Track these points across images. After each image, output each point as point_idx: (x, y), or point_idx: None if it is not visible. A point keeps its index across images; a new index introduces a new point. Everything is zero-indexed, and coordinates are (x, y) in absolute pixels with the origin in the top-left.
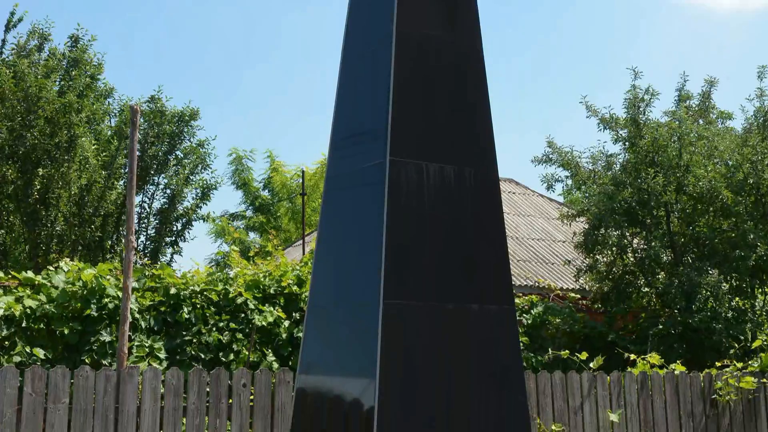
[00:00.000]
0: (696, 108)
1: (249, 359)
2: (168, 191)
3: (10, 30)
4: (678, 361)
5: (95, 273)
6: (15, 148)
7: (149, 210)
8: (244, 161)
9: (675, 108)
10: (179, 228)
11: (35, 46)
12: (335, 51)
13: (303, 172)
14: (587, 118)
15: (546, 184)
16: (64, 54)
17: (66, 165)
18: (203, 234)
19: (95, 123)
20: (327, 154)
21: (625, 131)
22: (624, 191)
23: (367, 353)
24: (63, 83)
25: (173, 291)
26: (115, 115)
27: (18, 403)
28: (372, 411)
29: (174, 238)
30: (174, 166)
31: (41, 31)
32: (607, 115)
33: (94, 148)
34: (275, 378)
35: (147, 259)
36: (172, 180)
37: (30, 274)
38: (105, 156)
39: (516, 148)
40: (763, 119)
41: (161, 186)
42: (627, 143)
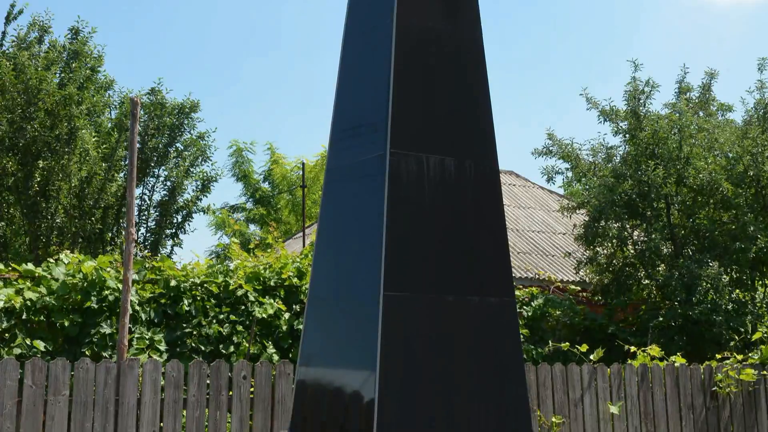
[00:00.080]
0: (696, 100)
1: (249, 351)
2: (168, 183)
3: (10, 22)
4: (678, 354)
5: (95, 265)
6: (15, 140)
7: (149, 202)
8: (244, 153)
9: (675, 100)
10: (179, 220)
11: (35, 38)
12: (335, 43)
13: (303, 164)
14: (587, 110)
15: (546, 176)
16: (64, 46)
17: (66, 157)
18: (203, 226)
19: (95, 115)
20: (327, 146)
21: (626, 123)
22: (624, 183)
23: (368, 345)
24: (63, 75)
25: (173, 283)
26: (116, 108)
27: (18, 396)
28: (372, 403)
29: (174, 230)
30: (174, 158)
31: (41, 24)
32: (608, 108)
33: (94, 140)
34: (275, 370)
35: (147, 252)
36: (172, 172)
37: (30, 266)
38: (105, 148)
39: (516, 140)
40: (764, 111)
41: (161, 178)
42: (627, 135)
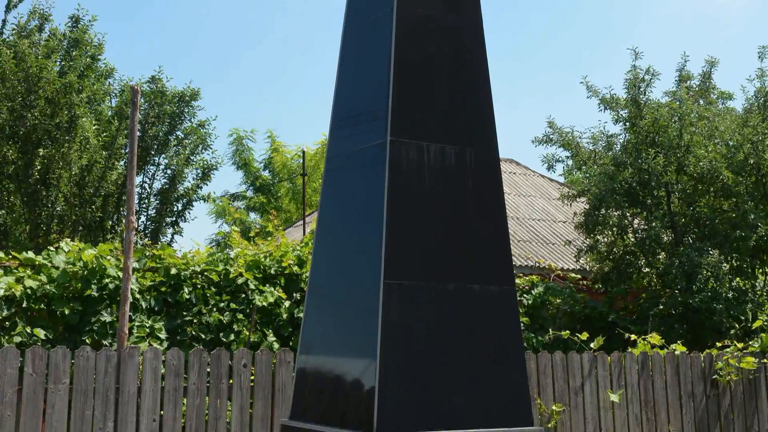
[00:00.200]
0: (696, 88)
1: (249, 339)
2: (168, 171)
3: (10, 10)
4: (678, 342)
5: (96, 253)
6: (16, 128)
7: (150, 190)
8: (244, 141)
9: (675, 88)
10: (180, 208)
11: (36, 26)
12: (336, 31)
13: (303, 152)
14: (588, 98)
15: (547, 164)
16: (64, 34)
17: (66, 145)
18: (204, 214)
19: (96, 103)
20: (327, 134)
21: (626, 111)
22: (624, 171)
23: (368, 333)
24: (63, 63)
25: (174, 271)
26: (116, 96)
27: (19, 384)
28: (373, 391)
29: (174, 218)
30: (174, 146)
31: (41, 12)
32: (608, 96)
33: (94, 128)
34: (276, 358)
35: (148, 240)
36: (172, 160)
37: (30, 254)
38: (105, 136)
39: (517, 128)
40: (764, 99)
41: (162, 166)
42: (627, 123)
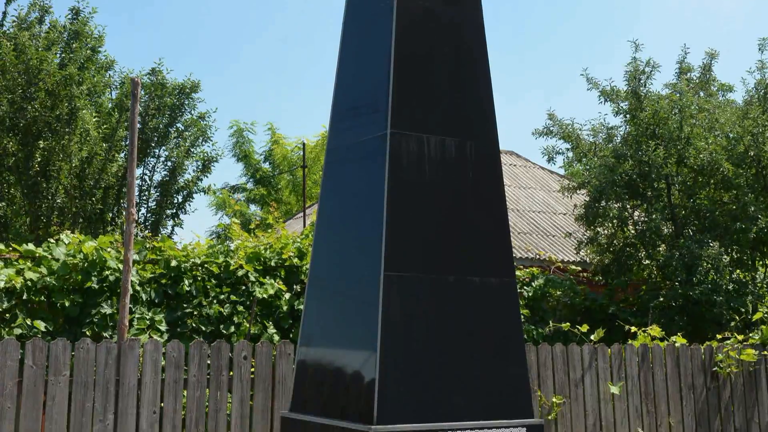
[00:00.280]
0: (697, 80)
1: (250, 331)
2: (169, 164)
3: (11, 2)
4: (679, 334)
5: (96, 245)
6: (16, 120)
7: (150, 182)
8: (244, 133)
9: (676, 80)
10: (180, 200)
11: (36, 18)
12: (336, 23)
13: (304, 144)
14: (588, 90)
15: (547, 156)
16: (64, 26)
17: (67, 137)
18: (204, 206)
19: (96, 95)
20: (328, 126)
21: (626, 104)
22: (625, 164)
23: (368, 325)
24: (64, 56)
25: (174, 263)
26: (116, 88)
27: (19, 376)
28: (373, 383)
29: (175, 210)
30: (175, 138)
31: (42, 4)
32: (608, 88)
33: (94, 120)
34: (276, 350)
35: (148, 232)
36: (172, 152)
37: (31, 246)
38: (106, 128)
39: (517, 120)
40: (764, 92)
41: (162, 158)
42: (628, 116)
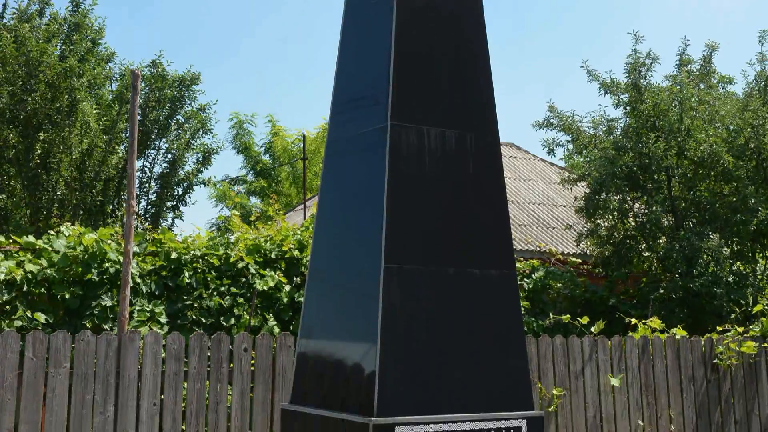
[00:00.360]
0: (697, 72)
1: (250, 324)
2: (169, 156)
3: None
4: (679, 326)
5: (96, 237)
6: (16, 112)
7: (150, 174)
8: (245, 126)
9: (676, 72)
10: (180, 192)
11: (36, 10)
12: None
13: (304, 136)
14: (588, 82)
15: (547, 148)
16: (65, 18)
17: (67, 129)
18: (204, 198)
19: (96, 87)
20: (328, 119)
21: (626, 96)
22: (625, 156)
23: (368, 317)
24: (64, 48)
25: (174, 255)
26: (116, 80)
27: (19, 368)
28: (373, 375)
29: (175, 202)
30: (175, 130)
31: None
32: (608, 80)
33: (95, 112)
34: (276, 342)
35: (148, 224)
36: (173, 144)
37: (31, 238)
38: (106, 120)
39: (517, 112)
40: (764, 84)
41: (162, 150)
42: (628, 108)
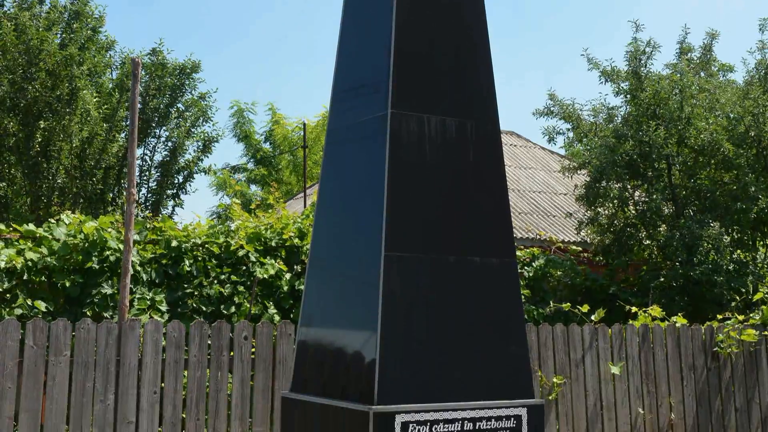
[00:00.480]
0: (697, 61)
1: (250, 312)
2: (169, 144)
3: None
4: (679, 314)
5: (96, 225)
6: (16, 100)
7: (150, 162)
8: (245, 114)
9: (676, 61)
10: (180, 180)
11: None
12: (337, 2)
13: (304, 124)
14: (589, 70)
15: (547, 136)
16: (65, 7)
17: (67, 118)
18: (204, 187)
19: (96, 76)
20: (328, 107)
21: (627, 84)
22: (625, 144)
23: (369, 306)
24: (64, 36)
25: (174, 243)
26: (117, 68)
27: (19, 356)
28: (373, 363)
29: (175, 190)
30: (175, 118)
31: None
32: (609, 68)
33: (95, 100)
34: (277, 330)
35: (148, 212)
36: (173, 133)
37: (31, 226)
38: (106, 109)
39: (517, 100)
40: (765, 72)
41: (162, 139)
42: (628, 96)
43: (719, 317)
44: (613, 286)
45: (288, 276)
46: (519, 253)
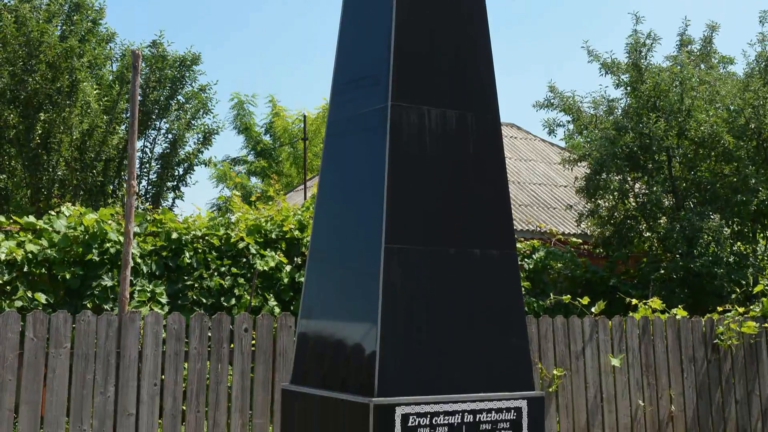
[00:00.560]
0: (697, 53)
1: (251, 304)
2: (169, 136)
3: None
4: (679, 306)
5: (97, 218)
6: (17, 92)
7: (151, 155)
8: (245, 106)
9: (676, 53)
10: (181, 173)
11: None
12: None
13: (305, 116)
14: (589, 63)
15: (548, 128)
16: None
17: (68, 110)
18: (205, 179)
19: (97, 68)
20: (328, 99)
21: (627, 76)
22: (626, 136)
23: (369, 298)
24: (65, 28)
25: (175, 236)
26: (117, 60)
27: (20, 348)
28: (373, 355)
29: (175, 182)
30: (175, 110)
31: None
32: (609, 60)
33: (95, 92)
34: (277, 322)
35: (149, 204)
36: (173, 125)
37: (32, 218)
38: (107, 101)
39: (518, 92)
40: (765, 64)
41: (163, 131)
42: (628, 88)
43: (719, 309)
44: (614, 278)
45: (288, 268)
46: (519, 245)
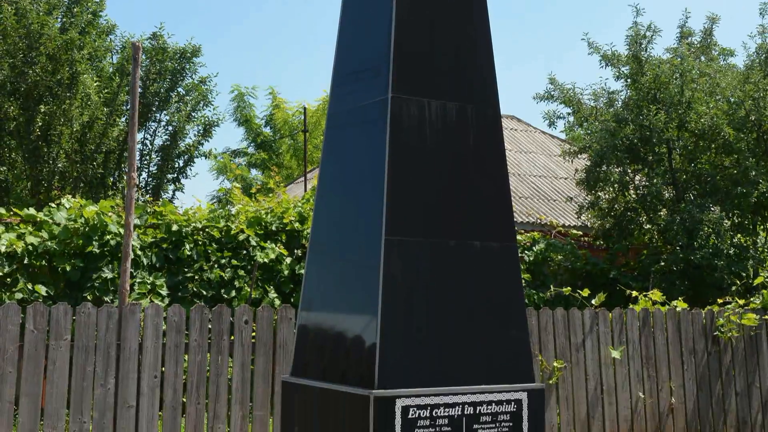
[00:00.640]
0: (698, 45)
1: (251, 296)
2: (170, 128)
3: None
4: (680, 298)
5: (97, 210)
6: (17, 84)
7: (151, 147)
8: (245, 98)
9: (677, 45)
10: (181, 165)
11: None
12: None
13: (305, 108)
14: (589, 55)
15: (548, 120)
16: None
17: (68, 102)
18: (205, 171)
19: (97, 60)
20: (329, 91)
21: (627, 68)
22: (626, 128)
23: (369, 290)
24: (65, 20)
25: (175, 228)
26: (117, 52)
27: (20, 340)
28: (374, 347)
29: (176, 174)
30: (176, 103)
31: None
32: (609, 52)
33: (95, 85)
34: (277, 315)
35: (149, 196)
36: (173, 117)
37: (32, 210)
38: (107, 93)
39: (518, 84)
40: (765, 56)
41: (163, 123)
42: (629, 80)
43: (720, 301)
44: (614, 270)
45: (288, 260)
46: (519, 238)
